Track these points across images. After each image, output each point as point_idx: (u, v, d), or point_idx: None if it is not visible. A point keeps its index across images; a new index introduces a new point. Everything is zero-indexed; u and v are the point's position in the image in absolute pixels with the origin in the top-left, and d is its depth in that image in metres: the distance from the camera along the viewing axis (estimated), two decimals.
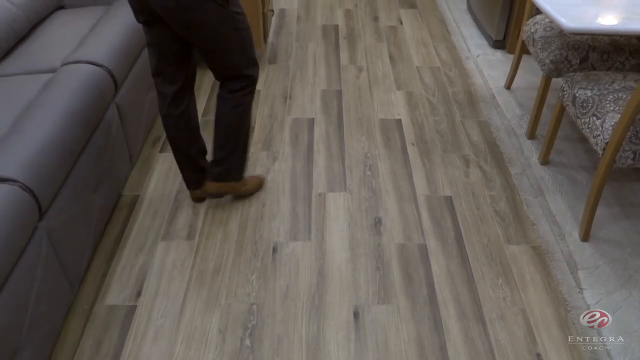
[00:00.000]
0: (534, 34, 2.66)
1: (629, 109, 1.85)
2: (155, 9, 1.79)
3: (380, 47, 3.58)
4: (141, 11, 1.86)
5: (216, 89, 3.08)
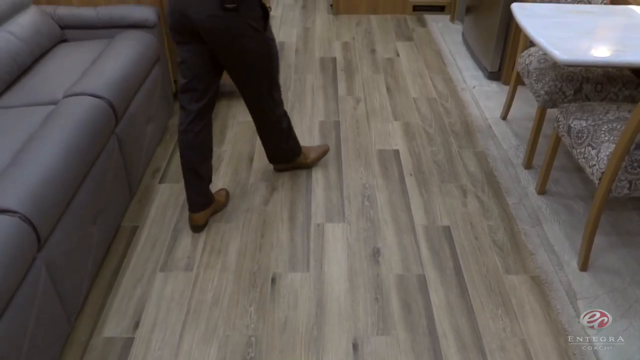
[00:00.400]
0: (528, 65, 2.71)
1: (624, 139, 1.87)
2: (200, 32, 1.91)
3: (378, 78, 3.63)
4: (182, 31, 1.98)
5: (216, 123, 3.11)
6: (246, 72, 2.15)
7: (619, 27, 2.40)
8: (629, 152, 1.89)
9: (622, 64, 2.17)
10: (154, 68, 2.73)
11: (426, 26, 4.52)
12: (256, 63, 2.11)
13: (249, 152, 2.86)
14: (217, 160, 2.79)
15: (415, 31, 4.42)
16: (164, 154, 2.85)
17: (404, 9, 4.76)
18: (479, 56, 3.75)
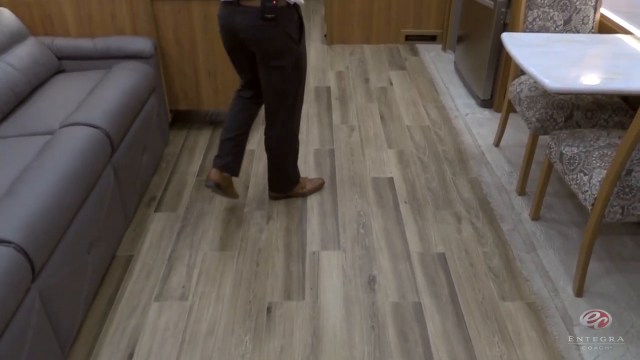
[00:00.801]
0: (519, 93, 2.75)
1: (615, 165, 1.89)
2: (245, 42, 2.19)
3: (371, 107, 3.67)
4: (231, 43, 2.27)
5: (211, 151, 3.14)
6: (273, 84, 2.33)
7: (607, 55, 2.45)
8: (620, 177, 1.91)
9: (611, 91, 2.22)
10: (150, 98, 2.76)
11: (418, 55, 4.60)
12: (282, 78, 2.30)
13: (244, 180, 2.88)
14: None
15: (408, 60, 4.49)
16: (160, 182, 2.86)
17: (396, 39, 4.84)
18: (471, 84, 3.81)
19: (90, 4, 2.83)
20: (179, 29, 2.97)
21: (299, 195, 2.74)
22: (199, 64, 3.08)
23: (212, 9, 2.92)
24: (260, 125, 3.41)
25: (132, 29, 2.91)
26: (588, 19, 2.81)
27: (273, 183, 2.69)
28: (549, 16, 2.81)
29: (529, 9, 2.81)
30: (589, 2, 2.78)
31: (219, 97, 3.20)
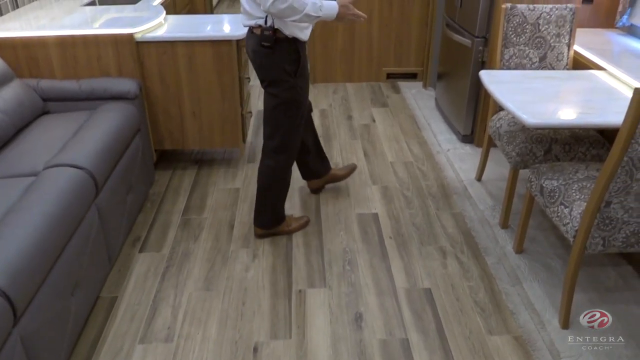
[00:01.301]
0: (499, 128, 2.81)
1: (594, 197, 1.93)
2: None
3: (355, 144, 3.72)
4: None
5: (197, 190, 3.14)
6: (267, 109, 2.44)
7: (582, 90, 2.52)
8: (600, 209, 1.94)
9: (587, 125, 2.28)
10: (135, 138, 2.77)
11: (400, 93, 4.69)
12: (274, 105, 2.39)
13: (229, 219, 2.87)
14: (197, 228, 2.80)
15: (390, 98, 4.58)
16: (145, 222, 2.85)
17: (378, 77, 4.94)
18: (452, 120, 3.88)
19: (76, 46, 2.87)
20: (164, 70, 3.01)
21: (284, 233, 2.74)
22: (184, 104, 3.12)
23: (197, 50, 2.97)
24: (245, 164, 3.44)
25: (118, 70, 2.94)
26: (562, 55, 2.90)
27: (258, 216, 2.68)
28: (524, 54, 2.90)
29: (505, 47, 2.90)
30: (563, 40, 2.88)
31: (203, 137, 3.22)
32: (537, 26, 2.86)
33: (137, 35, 2.90)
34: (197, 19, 3.45)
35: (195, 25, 3.19)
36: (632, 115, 1.72)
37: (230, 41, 2.97)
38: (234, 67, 3.04)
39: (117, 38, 2.87)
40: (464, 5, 3.58)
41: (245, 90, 3.43)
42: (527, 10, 2.84)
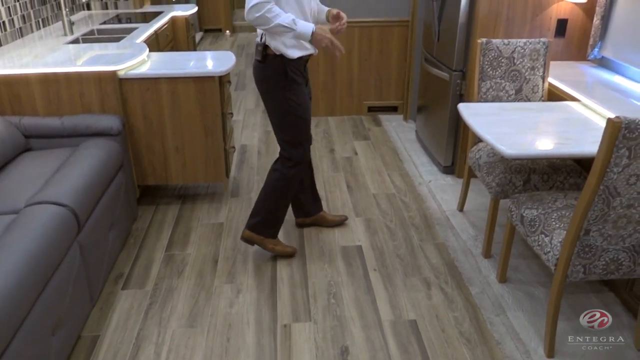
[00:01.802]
0: (478, 159, 2.86)
1: (573, 225, 1.97)
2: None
3: (338, 177, 3.75)
4: None
5: (180, 225, 3.13)
6: (269, 116, 2.65)
7: (558, 121, 2.59)
8: (579, 237, 1.98)
9: (564, 155, 2.32)
10: (118, 174, 2.77)
11: (381, 125, 4.76)
12: (271, 112, 2.62)
13: (213, 254, 2.86)
14: (181, 264, 2.78)
15: (371, 130, 4.64)
16: (127, 259, 2.82)
17: (359, 110, 5.01)
18: (433, 152, 3.94)
19: (59, 83, 2.88)
20: (147, 106, 3.03)
21: (267, 249, 2.80)
22: (167, 140, 3.13)
23: (180, 87, 3.00)
24: (229, 198, 3.44)
25: (101, 107, 2.95)
26: (538, 88, 2.99)
27: (251, 218, 2.78)
28: (501, 87, 2.98)
29: (482, 81, 2.98)
30: (537, 73, 2.97)
31: (187, 172, 3.23)
32: (512, 60, 2.95)
33: (120, 72, 2.92)
34: (180, 55, 3.50)
35: (179, 62, 3.23)
36: (606, 145, 1.78)
37: (213, 77, 3.01)
38: (217, 103, 3.07)
39: (101, 75, 2.89)
40: (441, 40, 3.69)
41: (229, 125, 3.45)
42: (502, 44, 2.94)
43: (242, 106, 5.35)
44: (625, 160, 1.78)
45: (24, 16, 3.69)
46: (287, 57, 2.45)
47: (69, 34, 3.80)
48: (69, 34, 3.79)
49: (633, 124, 1.72)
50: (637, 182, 1.83)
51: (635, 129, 1.72)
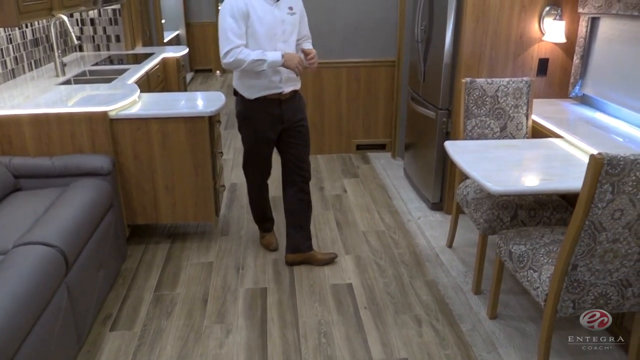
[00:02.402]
0: (466, 196, 2.90)
1: (560, 261, 1.98)
2: None
3: (327, 214, 3.77)
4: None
5: (170, 265, 3.11)
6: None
7: (542, 157, 2.64)
8: (567, 273, 1.99)
9: (549, 190, 2.37)
10: (108, 214, 2.76)
11: (370, 163, 4.81)
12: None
13: (203, 293, 2.84)
14: (170, 304, 2.75)
15: (360, 168, 4.69)
16: (116, 299, 2.79)
17: (348, 148, 5.07)
18: (421, 189, 3.98)
19: (50, 124, 2.90)
20: (137, 146, 3.05)
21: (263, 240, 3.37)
22: (157, 179, 3.14)
23: (170, 127, 3.03)
24: (219, 237, 3.43)
25: (91, 147, 2.97)
26: (522, 125, 3.05)
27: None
28: (486, 124, 3.05)
29: (467, 119, 3.04)
30: (521, 110, 3.04)
31: (177, 211, 3.23)
32: (496, 98, 3.02)
33: (111, 112, 2.95)
34: (170, 96, 3.55)
35: (169, 102, 3.27)
36: (590, 181, 1.81)
37: (204, 117, 3.05)
38: (207, 143, 3.10)
39: (92, 116, 2.92)
40: (427, 80, 3.77)
41: (219, 164, 3.48)
42: (486, 83, 3.01)
43: (232, 145, 5.39)
44: (609, 195, 1.81)
45: (16, 58, 3.73)
46: (244, 97, 2.84)
47: (61, 75, 3.84)
48: (61, 75, 3.83)
49: (615, 160, 1.76)
50: (622, 216, 1.86)
51: (617, 165, 1.76)
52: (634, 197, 1.82)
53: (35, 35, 4.03)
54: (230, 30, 2.64)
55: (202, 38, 9.07)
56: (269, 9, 2.70)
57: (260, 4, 2.68)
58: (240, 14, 2.64)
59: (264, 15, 2.68)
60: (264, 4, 2.69)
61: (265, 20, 2.68)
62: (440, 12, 3.46)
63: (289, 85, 2.83)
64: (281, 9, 2.74)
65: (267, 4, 2.70)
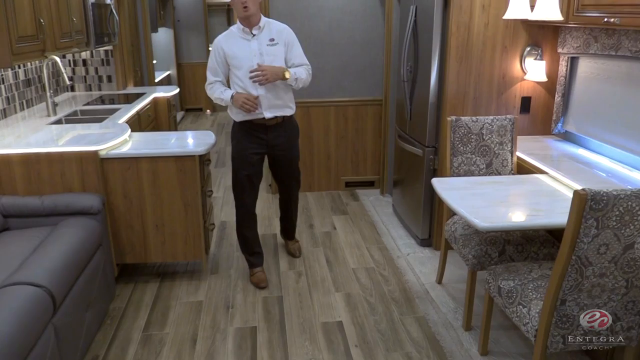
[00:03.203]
0: (454, 232, 2.92)
1: (549, 296, 2.00)
2: None
3: (317, 252, 3.77)
4: None
5: (158, 304, 3.08)
6: None
7: (528, 193, 2.68)
8: (556, 308, 2.00)
9: (536, 226, 2.39)
10: (97, 253, 2.75)
11: (359, 200, 4.84)
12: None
13: (192, 333, 2.81)
14: (158, 344, 2.72)
15: (349, 205, 4.72)
16: (104, 340, 2.75)
17: (337, 186, 5.11)
18: (410, 225, 4.01)
19: (40, 163, 2.91)
20: (127, 184, 3.06)
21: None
22: (147, 218, 3.14)
23: (161, 166, 3.05)
24: (208, 276, 3.41)
25: (81, 186, 2.98)
26: (507, 161, 3.11)
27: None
28: (472, 161, 3.10)
29: (453, 156, 3.10)
30: (506, 147, 3.11)
31: (166, 250, 3.22)
32: (481, 136, 3.09)
33: (102, 152, 2.98)
34: (161, 135, 3.58)
35: (160, 142, 3.30)
36: (574, 216, 1.84)
37: (194, 156, 3.08)
38: (197, 181, 3.12)
39: (82, 155, 2.94)
40: (413, 118, 3.85)
41: (209, 202, 3.49)
42: (471, 121, 3.08)
43: (222, 183, 5.40)
44: (594, 230, 1.84)
45: (8, 98, 3.76)
46: (235, 120, 3.17)
47: (52, 114, 3.87)
48: (52, 115, 3.86)
49: (598, 196, 1.79)
50: (607, 251, 1.89)
51: (601, 201, 1.80)
52: (618, 231, 1.85)
53: (27, 76, 4.08)
54: (209, 69, 3.13)
55: (193, 78, 9.19)
56: (245, 44, 3.04)
57: (236, 41, 3.06)
58: (218, 55, 3.06)
59: (238, 50, 3.03)
60: (239, 40, 3.05)
61: (240, 54, 3.03)
62: (425, 53, 3.56)
63: (271, 111, 3.10)
64: (260, 42, 3.04)
65: (244, 40, 3.05)
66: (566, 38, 3.17)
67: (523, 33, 3.31)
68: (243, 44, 3.03)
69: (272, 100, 3.06)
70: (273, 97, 3.05)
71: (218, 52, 3.05)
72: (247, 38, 3.03)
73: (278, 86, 3.05)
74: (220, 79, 3.11)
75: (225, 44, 3.04)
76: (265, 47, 3.02)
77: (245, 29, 3.03)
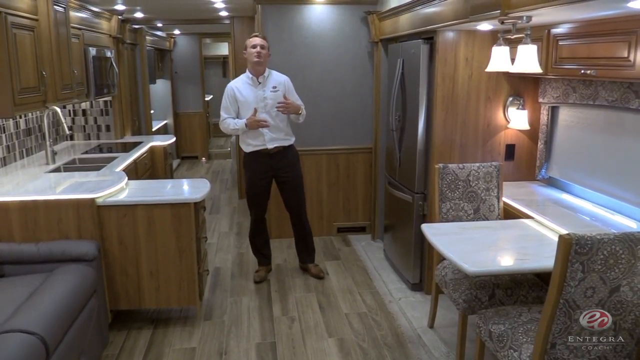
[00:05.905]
0: (444, 276, 2.97)
1: (539, 340, 2.02)
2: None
3: (310, 297, 3.79)
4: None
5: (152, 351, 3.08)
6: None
7: (515, 238, 2.75)
8: (546, 352, 2.02)
9: (524, 270, 2.45)
10: (91, 300, 2.77)
11: (351, 245, 4.89)
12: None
13: None
14: None
15: (341, 250, 4.76)
16: None
17: (329, 231, 5.17)
18: (401, 270, 4.05)
19: (38, 210, 2.97)
20: (123, 231, 3.11)
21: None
22: (142, 264, 3.18)
23: (156, 213, 3.11)
24: (202, 322, 3.42)
25: (77, 233, 3.02)
26: (494, 207, 3.20)
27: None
28: (460, 207, 3.19)
29: (442, 202, 3.18)
30: (492, 193, 3.20)
31: (160, 296, 3.24)
32: (468, 182, 3.18)
33: (98, 199, 3.04)
34: (157, 183, 3.66)
35: (156, 189, 3.37)
36: (560, 261, 1.89)
37: (189, 203, 3.15)
38: (192, 228, 3.17)
39: (79, 202, 2.99)
40: (402, 166, 3.95)
41: (203, 249, 3.53)
42: (458, 168, 3.18)
43: (217, 229, 5.44)
44: (580, 274, 1.88)
45: (8, 146, 3.84)
46: (245, 151, 3.84)
47: (51, 162, 3.95)
48: (51, 163, 3.94)
49: (583, 240, 1.84)
50: (594, 294, 1.92)
51: (586, 245, 1.85)
52: (603, 275, 1.89)
53: (28, 125, 4.18)
54: (223, 108, 3.83)
55: (189, 127, 9.39)
56: (253, 90, 3.78)
57: (245, 87, 3.79)
58: (230, 97, 3.80)
59: (247, 95, 3.77)
60: (248, 87, 3.79)
61: (248, 98, 3.76)
62: (412, 103, 3.70)
63: (273, 143, 3.80)
64: (265, 89, 3.78)
65: (251, 87, 3.78)
66: (546, 88, 3.32)
67: (505, 84, 3.46)
68: (251, 90, 3.78)
69: (273, 134, 3.77)
70: (273, 132, 3.77)
71: (230, 96, 3.79)
72: (254, 85, 3.77)
73: (278, 123, 3.78)
74: (232, 116, 3.81)
75: (237, 89, 3.78)
76: (269, 93, 3.77)
77: (253, 78, 3.77)
